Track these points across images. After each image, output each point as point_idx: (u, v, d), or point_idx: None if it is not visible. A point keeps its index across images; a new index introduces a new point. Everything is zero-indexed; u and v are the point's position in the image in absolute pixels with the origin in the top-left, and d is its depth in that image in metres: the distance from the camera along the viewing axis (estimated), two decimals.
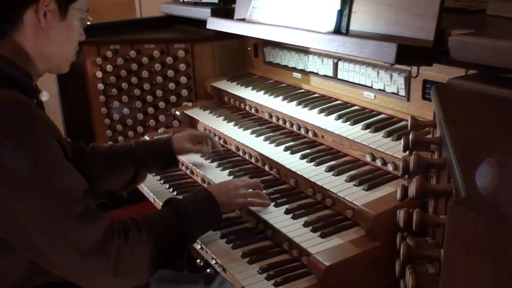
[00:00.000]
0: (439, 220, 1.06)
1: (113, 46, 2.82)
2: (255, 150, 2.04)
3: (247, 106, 2.42)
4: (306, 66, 2.29)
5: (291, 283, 1.46)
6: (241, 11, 2.39)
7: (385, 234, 1.45)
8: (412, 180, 1.11)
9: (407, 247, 1.11)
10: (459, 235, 0.75)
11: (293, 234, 1.58)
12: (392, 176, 1.65)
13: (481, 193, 0.78)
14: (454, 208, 0.75)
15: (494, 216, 0.71)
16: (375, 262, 1.46)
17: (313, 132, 2.00)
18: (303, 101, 2.15)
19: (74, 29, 1.50)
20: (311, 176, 1.75)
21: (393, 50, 1.51)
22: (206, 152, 2.08)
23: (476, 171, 0.82)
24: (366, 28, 1.77)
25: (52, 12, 1.41)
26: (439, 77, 1.66)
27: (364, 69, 1.96)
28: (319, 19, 1.91)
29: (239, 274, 1.52)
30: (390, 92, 1.88)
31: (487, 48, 1.30)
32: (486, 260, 0.72)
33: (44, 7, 1.39)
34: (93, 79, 2.89)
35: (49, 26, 1.42)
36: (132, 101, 2.86)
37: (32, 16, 1.38)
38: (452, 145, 0.97)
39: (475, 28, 1.44)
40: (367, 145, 1.73)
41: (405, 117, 1.80)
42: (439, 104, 1.23)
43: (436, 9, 1.51)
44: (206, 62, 2.75)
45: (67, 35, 1.48)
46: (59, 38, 1.46)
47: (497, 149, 0.96)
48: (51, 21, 1.42)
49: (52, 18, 1.42)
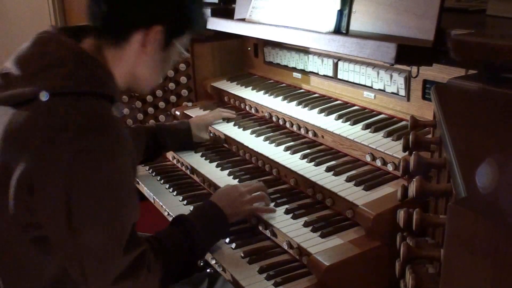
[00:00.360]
0: (439, 220, 1.06)
1: None
2: (255, 150, 2.04)
3: (247, 106, 2.42)
4: (306, 66, 2.29)
5: (291, 283, 1.46)
6: (241, 11, 2.39)
7: (385, 234, 1.45)
8: (412, 180, 1.11)
9: (407, 247, 1.11)
10: (459, 235, 0.75)
11: (293, 234, 1.58)
12: (392, 176, 1.65)
13: (481, 193, 0.78)
14: (454, 208, 0.75)
15: (494, 216, 0.71)
16: (375, 262, 1.46)
17: (313, 132, 2.00)
18: (303, 101, 2.15)
19: (169, 61, 1.53)
20: (311, 176, 1.75)
21: (393, 50, 1.51)
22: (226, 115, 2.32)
23: (476, 171, 0.82)
24: (366, 28, 1.77)
25: (158, 41, 1.42)
26: (439, 77, 1.66)
27: (364, 69, 1.96)
28: (319, 19, 1.91)
29: (239, 274, 1.52)
30: (390, 92, 1.88)
31: (487, 48, 1.30)
32: (486, 260, 0.72)
33: (154, 34, 1.40)
34: None
35: (150, 52, 1.43)
36: (132, 101, 2.85)
37: (140, 39, 1.40)
38: (452, 145, 0.97)
39: (475, 28, 1.44)
40: (367, 145, 1.73)
41: (405, 117, 1.80)
42: (439, 104, 1.23)
43: (436, 9, 1.51)
44: (206, 62, 2.75)
45: (161, 64, 1.51)
46: (154, 65, 1.48)
47: (497, 149, 0.96)
48: (153, 48, 1.43)
49: (155, 46, 1.43)
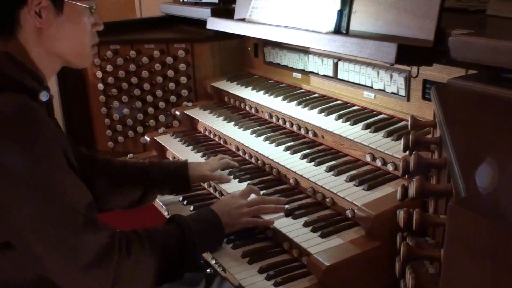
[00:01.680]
0: (439, 220, 1.06)
1: (113, 46, 2.82)
2: (255, 150, 2.04)
3: (247, 106, 2.42)
4: (306, 66, 2.29)
5: (291, 283, 1.46)
6: (241, 11, 2.39)
7: (385, 234, 1.45)
8: (412, 180, 1.11)
9: (407, 247, 1.11)
10: (459, 235, 0.75)
11: (293, 234, 1.58)
12: (392, 176, 1.65)
13: (481, 193, 0.78)
14: (454, 208, 0.75)
15: (494, 216, 0.71)
16: (375, 262, 1.46)
17: (313, 132, 2.00)
18: (303, 101, 2.15)
19: (77, 21, 1.44)
20: (311, 176, 1.75)
21: (393, 50, 1.51)
22: (227, 180, 1.95)
23: (476, 171, 0.82)
24: (366, 28, 1.77)
25: (47, 8, 1.36)
26: (439, 77, 1.66)
27: (364, 69, 1.96)
28: (319, 19, 1.91)
29: (239, 274, 1.52)
30: (390, 92, 1.88)
31: (487, 48, 1.30)
32: (486, 260, 0.72)
33: (35, 6, 1.35)
34: (93, 79, 2.89)
35: (47, 23, 1.38)
36: (132, 101, 2.86)
37: (27, 17, 1.35)
38: (452, 145, 0.97)
39: (475, 28, 1.44)
40: (367, 145, 1.73)
41: (405, 117, 1.80)
42: (439, 104, 1.23)
43: (436, 9, 1.51)
44: (206, 62, 2.75)
45: (71, 30, 1.43)
46: (62, 34, 1.41)
47: (497, 149, 0.96)
48: (47, 18, 1.37)
49: (48, 15, 1.37)
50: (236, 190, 1.83)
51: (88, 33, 1.48)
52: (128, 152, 2.56)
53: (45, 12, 1.37)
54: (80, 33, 1.46)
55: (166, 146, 2.41)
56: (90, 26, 1.49)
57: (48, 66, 1.44)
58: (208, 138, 2.42)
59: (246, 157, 2.12)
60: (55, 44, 1.42)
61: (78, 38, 1.46)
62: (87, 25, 1.47)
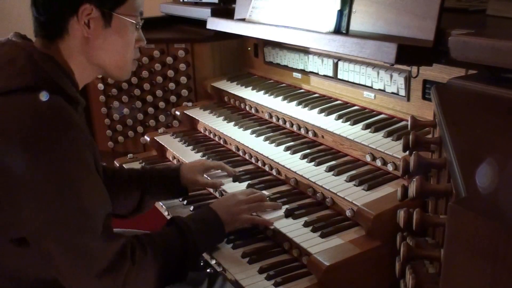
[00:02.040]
0: (439, 220, 1.06)
1: None
2: (255, 150, 2.04)
3: (247, 106, 2.42)
4: (306, 66, 2.29)
5: (291, 283, 1.46)
6: (241, 11, 2.39)
7: (385, 234, 1.45)
8: (412, 180, 1.11)
9: (407, 247, 1.11)
10: (459, 235, 0.75)
11: (293, 234, 1.57)
12: (392, 176, 1.65)
13: (481, 193, 0.78)
14: (454, 208, 0.75)
15: (494, 216, 0.71)
16: (375, 262, 1.46)
17: (313, 132, 2.00)
18: (303, 101, 2.15)
19: (123, 35, 1.46)
20: (311, 176, 1.75)
21: (393, 50, 1.51)
22: (219, 186, 1.92)
23: (476, 171, 0.82)
24: (366, 28, 1.77)
25: (96, 20, 1.39)
26: (439, 77, 1.66)
27: (364, 69, 1.96)
28: (319, 19, 1.91)
29: (239, 274, 1.52)
30: (390, 92, 1.88)
31: (487, 48, 1.30)
32: (486, 260, 0.72)
33: (85, 16, 1.38)
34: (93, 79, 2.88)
35: (94, 34, 1.41)
36: (132, 101, 2.85)
37: (76, 25, 1.38)
38: (452, 145, 0.97)
39: (475, 28, 1.44)
40: (367, 145, 1.73)
41: (405, 117, 1.80)
42: (439, 104, 1.23)
43: (436, 9, 1.51)
44: (206, 62, 2.75)
45: (116, 42, 1.45)
46: (107, 46, 1.44)
47: (497, 149, 0.96)
48: (95, 29, 1.40)
49: (96, 26, 1.40)
50: (236, 190, 1.82)
51: (132, 47, 1.51)
52: (128, 152, 2.55)
53: (93, 23, 1.40)
54: (124, 46, 1.48)
55: (166, 146, 2.41)
56: (134, 41, 1.51)
57: (85, 74, 1.47)
58: (208, 138, 2.42)
59: (246, 157, 2.12)
60: (99, 55, 1.45)
61: (122, 51, 1.48)
62: (132, 40, 1.50)
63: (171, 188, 1.90)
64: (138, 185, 1.85)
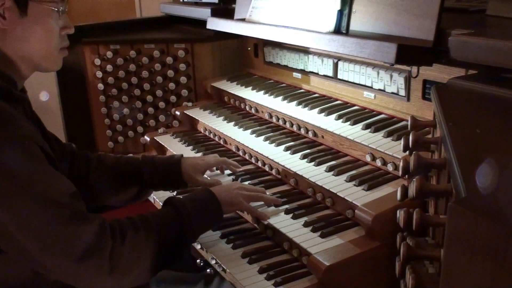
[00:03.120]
0: (439, 220, 1.06)
1: (113, 46, 2.82)
2: (255, 150, 2.04)
3: (247, 106, 2.42)
4: (306, 66, 2.29)
5: (291, 283, 1.46)
6: (241, 11, 2.39)
7: (385, 234, 1.45)
8: (412, 180, 1.11)
9: (407, 247, 1.11)
10: (459, 235, 0.75)
11: (293, 234, 1.58)
12: (392, 176, 1.65)
13: (481, 193, 0.78)
14: (454, 208, 0.74)
15: (494, 216, 0.71)
16: (375, 262, 1.46)
17: (313, 132, 2.00)
18: (303, 101, 2.15)
19: (44, 23, 1.40)
20: (311, 176, 1.75)
21: (393, 50, 1.51)
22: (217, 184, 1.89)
23: (476, 171, 0.82)
24: (366, 28, 1.77)
25: (10, 9, 1.33)
26: (439, 77, 1.66)
27: (364, 69, 1.96)
28: (319, 19, 1.91)
29: (239, 274, 1.52)
30: (390, 92, 1.88)
31: (487, 48, 1.30)
32: (486, 260, 0.72)
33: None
34: (93, 79, 2.89)
35: (11, 24, 1.35)
36: (132, 101, 2.86)
37: None
38: (452, 145, 0.97)
39: (475, 28, 1.44)
40: (367, 145, 1.73)
41: (405, 117, 1.80)
42: (439, 104, 1.23)
43: (436, 9, 1.51)
44: (206, 62, 2.76)
45: (37, 32, 1.39)
46: (27, 36, 1.38)
47: (497, 149, 0.96)
48: (11, 19, 1.34)
49: (12, 16, 1.34)
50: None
51: (56, 36, 1.44)
52: (128, 152, 2.56)
53: (8, 13, 1.34)
54: (46, 35, 1.42)
55: (166, 146, 2.41)
56: (58, 28, 1.45)
57: (19, 68, 1.42)
58: (208, 138, 2.42)
59: (246, 157, 2.12)
60: (21, 46, 1.39)
61: (45, 40, 1.42)
62: (55, 28, 1.43)
63: (171, 184, 1.92)
64: (138, 176, 1.86)
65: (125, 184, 1.87)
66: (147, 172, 1.87)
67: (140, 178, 1.87)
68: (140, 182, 1.87)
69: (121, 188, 1.87)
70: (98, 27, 3.00)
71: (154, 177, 1.88)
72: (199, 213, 1.55)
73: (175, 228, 1.48)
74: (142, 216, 1.46)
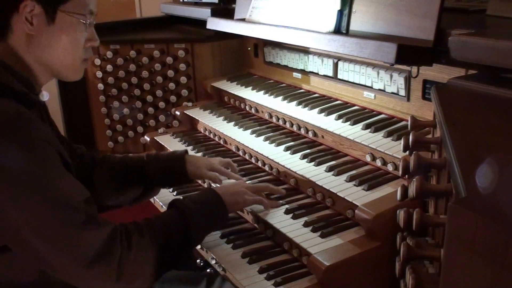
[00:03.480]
0: (439, 220, 1.06)
1: (113, 46, 2.83)
2: (255, 150, 2.04)
3: (247, 106, 2.42)
4: (306, 66, 2.29)
5: (291, 283, 1.46)
6: (241, 11, 2.39)
7: (385, 234, 1.45)
8: (412, 180, 1.11)
9: (407, 247, 1.11)
10: (459, 235, 0.75)
11: (293, 234, 1.58)
12: (392, 176, 1.65)
13: (481, 193, 0.78)
14: (454, 208, 0.75)
15: (494, 216, 0.71)
16: (375, 262, 1.46)
17: (313, 132, 2.00)
18: (303, 101, 2.15)
19: (69, 34, 1.41)
20: (311, 176, 1.75)
21: (393, 50, 1.51)
22: (219, 181, 1.89)
23: (476, 171, 0.82)
24: (366, 28, 1.77)
25: (38, 16, 1.35)
26: (439, 77, 1.66)
27: (364, 69, 1.96)
28: (319, 19, 1.91)
29: (239, 274, 1.52)
30: (390, 92, 1.88)
31: (487, 48, 1.30)
32: (486, 260, 0.72)
33: (27, 13, 1.34)
34: (93, 79, 2.89)
35: (38, 31, 1.37)
36: (132, 101, 2.86)
37: (18, 23, 1.34)
38: (452, 145, 0.97)
39: (475, 28, 1.44)
40: (367, 145, 1.73)
41: (405, 117, 1.80)
42: (439, 104, 1.23)
43: (436, 9, 1.51)
44: (206, 62, 2.76)
45: (61, 41, 1.40)
46: (52, 44, 1.40)
47: (497, 149, 0.96)
48: (39, 26, 1.36)
49: (39, 22, 1.35)
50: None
51: (80, 47, 1.45)
52: (128, 152, 2.56)
53: (36, 19, 1.35)
54: (71, 46, 1.43)
55: (166, 146, 2.41)
56: (84, 40, 1.46)
57: (38, 74, 1.43)
58: (208, 138, 2.42)
59: (246, 157, 2.12)
60: (45, 53, 1.40)
61: (69, 50, 1.43)
62: (80, 39, 1.44)
63: (176, 180, 1.92)
64: (143, 175, 1.86)
65: (130, 183, 1.87)
66: (151, 168, 1.87)
67: (145, 175, 1.87)
68: (144, 182, 1.87)
69: (127, 187, 1.87)
70: (98, 27, 2.98)
71: (159, 172, 1.87)
72: (204, 215, 1.56)
73: (180, 231, 1.49)
74: (147, 219, 1.47)
